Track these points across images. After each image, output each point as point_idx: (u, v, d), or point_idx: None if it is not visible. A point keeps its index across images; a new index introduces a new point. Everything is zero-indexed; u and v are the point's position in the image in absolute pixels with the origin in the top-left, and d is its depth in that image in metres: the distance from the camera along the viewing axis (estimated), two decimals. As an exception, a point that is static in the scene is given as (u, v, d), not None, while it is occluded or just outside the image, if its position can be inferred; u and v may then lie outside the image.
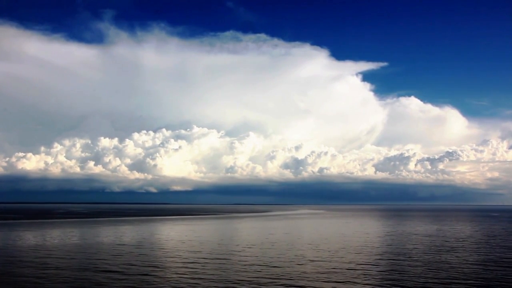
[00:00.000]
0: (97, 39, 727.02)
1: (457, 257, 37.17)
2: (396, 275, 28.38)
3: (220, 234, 65.07)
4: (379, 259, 35.71)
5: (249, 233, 67.27)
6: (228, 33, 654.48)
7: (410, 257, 36.89)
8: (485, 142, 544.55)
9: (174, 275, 28.24)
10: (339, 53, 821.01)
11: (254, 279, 27.02)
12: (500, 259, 35.77)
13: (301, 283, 25.88)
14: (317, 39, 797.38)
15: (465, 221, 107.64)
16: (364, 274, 28.55)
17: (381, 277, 27.74)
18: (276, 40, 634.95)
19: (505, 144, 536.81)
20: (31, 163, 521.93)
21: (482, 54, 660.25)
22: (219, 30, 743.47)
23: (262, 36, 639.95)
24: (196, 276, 28.02)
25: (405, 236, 59.26)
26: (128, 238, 54.75)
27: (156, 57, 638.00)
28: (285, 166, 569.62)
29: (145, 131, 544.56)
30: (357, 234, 62.15)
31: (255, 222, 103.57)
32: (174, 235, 61.62)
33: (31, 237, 57.47)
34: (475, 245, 47.09)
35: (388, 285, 25.23)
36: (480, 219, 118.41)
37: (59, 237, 57.10)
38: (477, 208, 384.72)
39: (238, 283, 25.88)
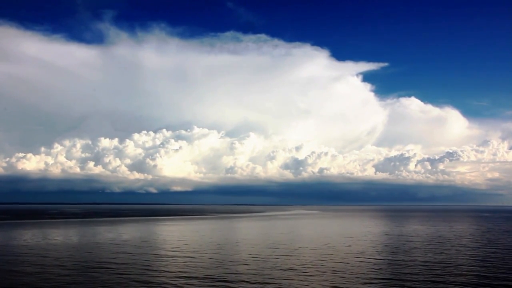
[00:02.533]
0: (97, 39, 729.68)
1: (409, 256, 37.68)
2: (329, 273, 28.98)
3: (194, 234, 65.66)
4: (330, 259, 36.14)
5: (225, 233, 67.83)
6: (229, 34, 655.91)
7: (361, 257, 37.35)
8: (485, 143, 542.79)
9: (110, 273, 28.96)
10: (340, 54, 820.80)
11: (188, 275, 27.79)
12: (447, 260, 36.22)
13: (232, 279, 26.59)
14: (318, 39, 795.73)
15: (450, 221, 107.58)
16: (304, 273, 29.14)
17: (313, 276, 28.35)
18: (276, 41, 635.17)
19: (505, 144, 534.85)
20: (31, 164, 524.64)
21: (482, 54, 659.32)
22: (219, 30, 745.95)
23: (263, 36, 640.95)
24: (133, 272, 28.76)
25: (376, 236, 59.71)
26: (97, 238, 55.54)
27: (156, 58, 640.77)
28: (285, 166, 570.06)
29: (145, 132, 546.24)
30: (329, 235, 62.60)
31: (242, 222, 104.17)
32: (145, 236, 62.34)
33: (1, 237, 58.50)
34: (436, 245, 47.38)
35: (316, 284, 25.90)
36: (468, 220, 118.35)
37: (28, 237, 58.02)
38: (475, 208, 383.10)
39: (175, 279, 26.64)
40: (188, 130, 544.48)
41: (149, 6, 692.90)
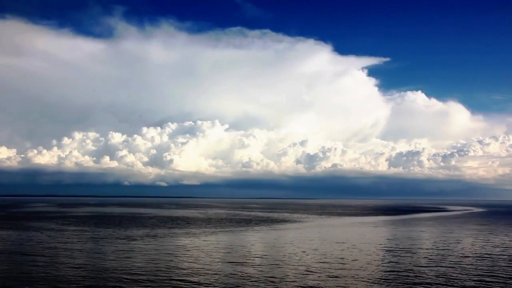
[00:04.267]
0: (106, 33, 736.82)
1: (353, 255, 38.06)
2: (254, 275, 29.62)
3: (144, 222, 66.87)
4: (269, 263, 36.84)
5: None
6: (235, 29, 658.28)
7: (296, 260, 37.92)
8: (494, 137, 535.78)
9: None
10: (342, 48, 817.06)
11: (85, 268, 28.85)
12: (362, 259, 36.52)
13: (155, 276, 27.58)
14: (321, 34, 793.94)
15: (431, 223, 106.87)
16: (222, 279, 29.91)
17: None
18: (281, 36, 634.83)
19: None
20: (44, 158, 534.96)
21: (485, 48, 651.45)
22: (226, 25, 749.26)
23: (268, 31, 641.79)
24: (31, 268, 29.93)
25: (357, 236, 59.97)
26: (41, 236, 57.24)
27: (164, 52, 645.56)
28: (292, 160, 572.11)
29: (154, 126, 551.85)
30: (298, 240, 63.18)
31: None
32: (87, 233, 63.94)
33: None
34: (378, 246, 47.61)
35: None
36: (457, 218, 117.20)
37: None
38: (478, 203, 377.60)
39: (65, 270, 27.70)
40: (197, 123, 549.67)
41: (159, 0, 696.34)
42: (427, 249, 45.47)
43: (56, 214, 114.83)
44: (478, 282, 28.81)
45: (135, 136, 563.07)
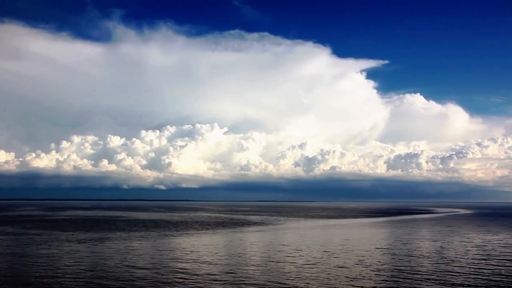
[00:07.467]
0: (104, 37, 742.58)
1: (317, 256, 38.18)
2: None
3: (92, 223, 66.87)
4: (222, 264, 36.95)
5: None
6: (233, 32, 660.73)
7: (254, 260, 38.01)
8: (492, 140, 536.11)
9: None
10: (341, 51, 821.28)
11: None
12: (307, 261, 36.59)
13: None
14: (320, 37, 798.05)
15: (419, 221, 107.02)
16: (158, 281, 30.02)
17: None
18: (280, 38, 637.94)
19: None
20: (42, 161, 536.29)
21: (483, 51, 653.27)
22: (224, 28, 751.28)
23: (266, 34, 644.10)
24: None
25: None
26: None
27: (162, 55, 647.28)
28: (291, 163, 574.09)
29: (153, 129, 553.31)
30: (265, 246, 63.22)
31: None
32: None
33: None
34: (336, 247, 47.67)
35: None
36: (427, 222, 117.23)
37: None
38: (470, 205, 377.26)
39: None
40: (196, 127, 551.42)
41: (157, 4, 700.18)
42: (371, 249, 45.48)
43: (34, 218, 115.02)
44: (391, 279, 28.92)
45: (134, 139, 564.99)
